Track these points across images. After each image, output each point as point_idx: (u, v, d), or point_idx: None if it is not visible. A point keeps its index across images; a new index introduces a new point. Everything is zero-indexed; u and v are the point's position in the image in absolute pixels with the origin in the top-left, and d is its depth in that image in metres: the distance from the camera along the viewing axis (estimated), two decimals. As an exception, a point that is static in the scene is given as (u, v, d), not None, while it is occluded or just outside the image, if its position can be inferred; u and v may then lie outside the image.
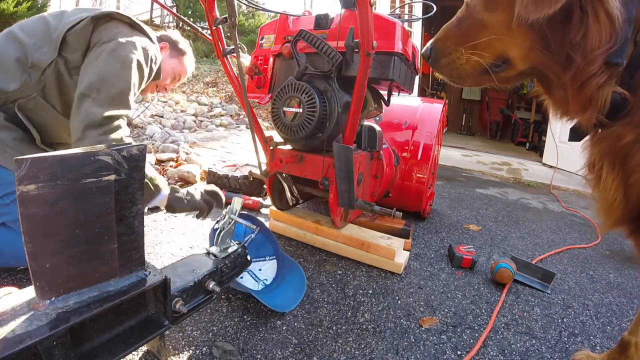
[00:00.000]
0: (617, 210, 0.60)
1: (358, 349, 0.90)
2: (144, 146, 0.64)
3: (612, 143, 0.59)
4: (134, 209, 0.65)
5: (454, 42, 0.66)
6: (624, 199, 0.59)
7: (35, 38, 1.08)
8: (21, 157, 0.51)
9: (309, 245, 1.43)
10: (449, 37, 0.67)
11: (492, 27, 0.62)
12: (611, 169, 0.60)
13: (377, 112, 1.45)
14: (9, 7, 5.30)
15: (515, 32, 0.60)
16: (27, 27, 1.12)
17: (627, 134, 0.57)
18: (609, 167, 0.60)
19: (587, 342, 1.00)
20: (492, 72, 0.64)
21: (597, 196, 0.64)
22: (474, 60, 0.63)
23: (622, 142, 0.58)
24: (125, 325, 0.67)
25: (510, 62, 0.63)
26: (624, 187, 0.58)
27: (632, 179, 0.57)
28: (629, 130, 0.57)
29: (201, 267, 0.86)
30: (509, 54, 0.62)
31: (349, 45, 1.11)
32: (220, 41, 1.23)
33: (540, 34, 0.58)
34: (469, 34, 0.64)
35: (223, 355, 0.84)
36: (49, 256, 0.56)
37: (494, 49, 0.63)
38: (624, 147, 0.57)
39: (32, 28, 1.11)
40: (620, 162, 0.58)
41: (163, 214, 1.69)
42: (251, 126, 1.24)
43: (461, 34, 0.66)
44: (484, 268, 1.38)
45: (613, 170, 0.59)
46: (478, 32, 0.63)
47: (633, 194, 0.58)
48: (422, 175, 1.71)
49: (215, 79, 6.36)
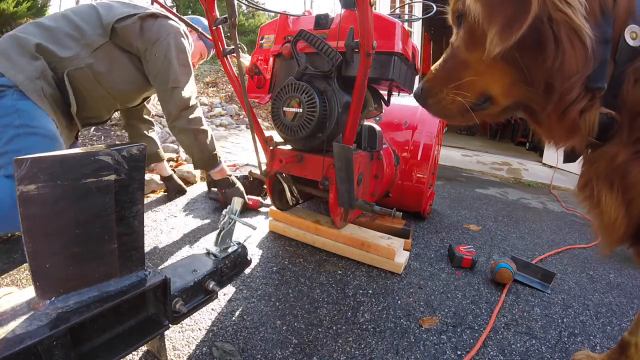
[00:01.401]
0: (620, 228, 0.60)
1: (358, 349, 0.90)
2: (144, 146, 0.64)
3: (607, 163, 0.59)
4: (134, 209, 0.65)
5: (440, 83, 0.68)
6: (626, 216, 0.58)
7: (89, 24, 1.26)
8: (21, 157, 0.51)
9: (309, 245, 1.43)
10: (436, 77, 0.69)
11: (473, 67, 0.63)
12: (609, 188, 0.59)
13: (377, 112, 1.45)
14: (9, 7, 5.30)
15: (494, 69, 0.60)
16: (81, 13, 1.29)
17: (620, 152, 0.57)
18: (607, 187, 0.60)
19: (587, 342, 1.00)
20: (477, 110, 0.65)
21: (596, 217, 0.63)
22: (459, 100, 0.64)
23: (617, 162, 0.57)
24: (125, 325, 0.68)
25: (493, 100, 0.64)
26: (625, 204, 0.58)
27: (633, 195, 0.56)
28: (621, 149, 0.57)
29: (201, 267, 0.86)
30: (491, 91, 0.63)
31: (349, 45, 1.11)
32: (220, 41, 1.23)
33: (519, 69, 0.58)
34: (453, 74, 0.66)
35: (223, 355, 0.84)
36: (49, 256, 0.56)
37: (476, 88, 0.64)
38: (619, 166, 0.57)
39: (87, 14, 1.29)
40: (619, 181, 0.58)
41: (163, 213, 1.69)
42: (251, 126, 1.24)
43: (446, 74, 0.67)
44: (484, 268, 1.38)
45: (611, 189, 0.59)
46: (461, 72, 0.64)
47: (635, 209, 0.57)
48: (422, 175, 1.71)
49: (215, 79, 6.36)
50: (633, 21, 0.56)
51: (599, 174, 0.60)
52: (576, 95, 0.55)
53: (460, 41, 0.65)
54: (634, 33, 0.56)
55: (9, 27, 5.47)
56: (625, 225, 0.59)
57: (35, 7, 5.98)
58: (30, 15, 5.81)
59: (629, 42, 0.56)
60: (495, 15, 0.55)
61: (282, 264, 1.29)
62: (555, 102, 0.57)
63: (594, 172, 0.61)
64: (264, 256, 1.34)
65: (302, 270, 1.25)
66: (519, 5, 0.52)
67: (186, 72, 1.39)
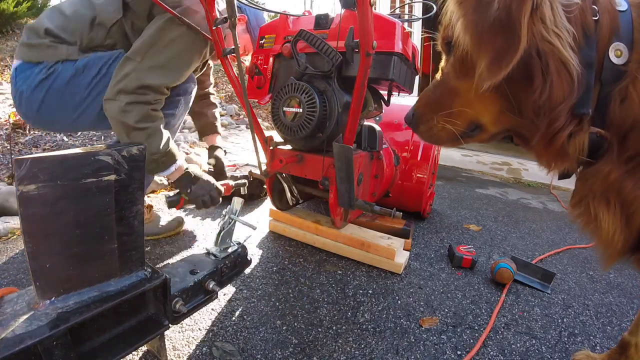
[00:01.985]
0: (618, 242, 0.59)
1: (358, 349, 0.90)
2: (144, 146, 0.64)
3: (602, 181, 0.59)
4: (134, 209, 0.65)
5: (431, 109, 0.69)
6: (624, 230, 0.58)
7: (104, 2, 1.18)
8: (21, 157, 0.51)
9: (309, 245, 1.43)
10: (427, 104, 0.70)
11: (463, 95, 0.63)
12: (605, 205, 0.59)
13: (377, 112, 1.44)
14: (9, 7, 5.30)
15: (484, 99, 0.61)
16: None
17: (613, 170, 0.57)
18: (603, 204, 0.60)
19: (587, 342, 1.00)
20: (468, 137, 0.67)
21: (592, 233, 0.63)
22: (449, 128, 0.66)
23: (611, 179, 0.57)
24: (125, 325, 0.68)
25: (483, 127, 0.65)
26: (624, 219, 0.58)
27: (631, 210, 0.56)
28: (614, 167, 0.57)
29: (201, 267, 0.86)
30: (480, 120, 0.64)
31: (349, 45, 1.11)
32: (220, 41, 1.23)
33: (507, 98, 0.59)
34: (443, 102, 0.66)
35: (223, 355, 0.83)
36: (49, 256, 0.56)
37: (466, 116, 0.65)
38: (614, 184, 0.57)
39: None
40: (615, 197, 0.58)
41: (163, 214, 1.69)
42: (251, 126, 1.24)
43: (436, 100, 0.68)
44: (484, 268, 1.38)
45: (608, 206, 0.59)
46: (451, 100, 0.65)
47: (635, 223, 0.57)
48: (422, 175, 1.71)
49: (215, 79, 6.36)
50: (617, 38, 0.56)
51: (594, 191, 0.60)
52: (563, 122, 0.56)
53: (450, 68, 0.66)
54: (618, 51, 0.56)
55: (9, 27, 5.47)
56: (623, 239, 0.59)
57: (35, 7, 5.98)
58: (30, 15, 5.81)
59: (614, 60, 0.56)
60: (484, 48, 0.55)
61: (282, 264, 1.29)
62: (544, 130, 0.58)
63: (589, 190, 0.61)
64: (264, 256, 1.34)
65: (302, 270, 1.25)
66: (508, 38, 0.52)
67: (161, 53, 1.14)
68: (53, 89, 1.15)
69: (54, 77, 1.14)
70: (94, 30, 1.18)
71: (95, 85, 1.16)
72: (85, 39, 1.17)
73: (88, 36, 1.17)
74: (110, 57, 1.17)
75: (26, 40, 1.17)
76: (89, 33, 1.17)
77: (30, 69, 1.15)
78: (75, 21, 1.17)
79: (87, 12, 1.18)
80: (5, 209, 1.51)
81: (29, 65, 1.15)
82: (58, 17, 1.19)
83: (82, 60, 1.15)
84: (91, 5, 1.18)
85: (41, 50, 1.14)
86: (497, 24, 0.53)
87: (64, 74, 1.14)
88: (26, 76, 1.15)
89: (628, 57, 0.55)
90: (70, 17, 1.18)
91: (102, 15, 1.17)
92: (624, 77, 0.55)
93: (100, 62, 1.16)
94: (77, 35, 1.17)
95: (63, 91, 1.15)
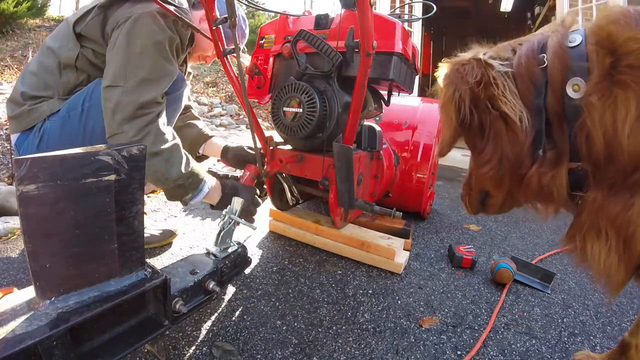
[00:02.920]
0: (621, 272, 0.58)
1: (358, 349, 0.90)
2: (144, 146, 0.64)
3: (588, 210, 0.59)
4: (134, 209, 0.65)
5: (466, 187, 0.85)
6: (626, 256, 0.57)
7: (60, 42, 1.15)
8: (21, 157, 0.51)
9: (309, 245, 1.43)
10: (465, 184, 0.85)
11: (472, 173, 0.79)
12: (596, 236, 0.59)
13: (377, 112, 1.44)
14: (9, 7, 5.30)
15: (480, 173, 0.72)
16: (55, 35, 1.19)
17: (599, 197, 0.58)
18: (593, 236, 0.60)
19: (587, 342, 1.00)
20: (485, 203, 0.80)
21: (589, 269, 0.63)
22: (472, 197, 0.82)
23: (597, 205, 0.58)
24: (125, 325, 0.67)
25: (490, 193, 0.77)
26: (623, 243, 0.56)
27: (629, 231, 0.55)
28: (599, 194, 0.58)
29: (201, 267, 0.86)
30: (485, 187, 0.77)
31: (349, 45, 1.11)
32: (220, 41, 1.23)
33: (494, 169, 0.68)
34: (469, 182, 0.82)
35: (223, 355, 0.83)
36: (49, 256, 0.56)
37: (477, 187, 0.79)
38: (602, 209, 0.57)
39: (57, 33, 1.19)
40: (606, 224, 0.57)
41: (163, 214, 1.69)
42: (251, 126, 1.24)
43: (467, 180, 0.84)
44: (484, 268, 1.38)
45: (599, 236, 0.59)
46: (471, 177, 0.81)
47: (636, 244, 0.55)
48: (422, 175, 1.71)
49: (215, 79, 6.36)
50: (573, 74, 0.57)
51: (582, 224, 0.61)
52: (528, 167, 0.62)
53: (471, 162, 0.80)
54: (576, 85, 0.57)
55: (9, 27, 5.47)
56: (624, 267, 0.58)
57: (35, 7, 5.98)
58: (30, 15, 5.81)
59: (572, 96, 0.57)
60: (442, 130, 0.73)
61: (282, 264, 1.29)
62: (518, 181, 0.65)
63: (578, 223, 0.62)
64: (264, 256, 1.34)
65: (302, 270, 1.25)
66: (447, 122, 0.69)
67: (142, 66, 1.04)
68: (51, 147, 1.11)
69: (47, 136, 1.12)
70: (64, 75, 1.15)
71: (86, 120, 1.12)
72: (60, 87, 1.15)
73: (61, 83, 1.14)
74: (88, 89, 1.13)
75: (10, 113, 1.16)
76: (61, 79, 1.14)
77: (26, 138, 1.14)
78: (44, 74, 1.15)
79: (51, 60, 1.15)
80: (5, 209, 1.51)
81: (24, 135, 1.14)
82: (29, 78, 1.16)
83: (64, 107, 1.12)
84: (51, 52, 1.15)
85: (25, 117, 1.13)
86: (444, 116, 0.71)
87: (54, 129, 1.12)
88: (26, 147, 1.14)
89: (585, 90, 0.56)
90: (38, 72, 1.15)
91: (63, 55, 1.13)
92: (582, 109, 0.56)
93: (80, 98, 1.12)
94: (51, 88, 1.14)
95: (60, 144, 1.11)
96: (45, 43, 1.19)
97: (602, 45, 0.56)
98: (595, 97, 0.54)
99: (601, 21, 0.58)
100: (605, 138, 0.53)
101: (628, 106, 0.51)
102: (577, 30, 0.62)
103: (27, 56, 4.75)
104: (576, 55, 0.58)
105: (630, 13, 0.55)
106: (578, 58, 0.57)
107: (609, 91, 0.53)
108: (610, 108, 0.52)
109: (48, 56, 1.15)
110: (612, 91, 0.53)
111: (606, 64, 0.54)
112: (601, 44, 0.56)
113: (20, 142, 1.15)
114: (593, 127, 0.54)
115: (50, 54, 1.15)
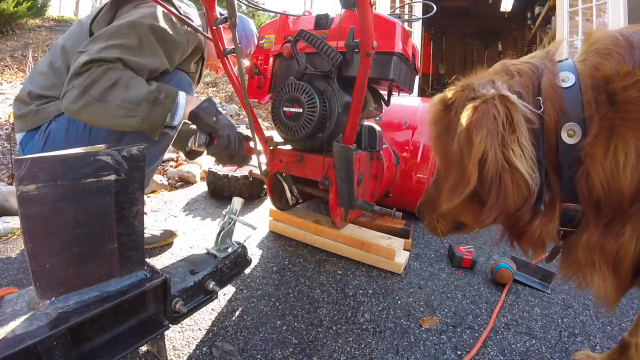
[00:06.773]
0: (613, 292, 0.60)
1: (358, 349, 0.90)
2: (144, 146, 0.64)
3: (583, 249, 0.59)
4: (134, 209, 0.65)
5: (429, 208, 0.79)
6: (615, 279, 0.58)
7: (73, 42, 1.15)
8: (21, 157, 0.51)
9: (309, 245, 1.43)
10: (427, 202, 0.80)
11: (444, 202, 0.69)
12: (592, 269, 0.60)
13: (377, 112, 1.44)
14: (9, 7, 5.30)
15: (460, 205, 0.65)
16: (68, 35, 1.20)
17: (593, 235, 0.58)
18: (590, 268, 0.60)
19: (587, 342, 1.00)
20: (458, 230, 0.77)
21: (591, 293, 0.64)
22: (442, 224, 0.77)
23: (592, 243, 0.58)
24: (125, 325, 0.68)
25: (466, 225, 0.74)
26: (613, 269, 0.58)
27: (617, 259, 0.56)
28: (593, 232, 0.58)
29: (201, 267, 0.86)
30: (461, 220, 0.74)
31: (349, 45, 1.11)
32: (220, 41, 1.23)
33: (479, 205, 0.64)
34: (434, 204, 0.75)
35: (223, 355, 0.83)
36: (49, 256, 0.56)
37: (450, 217, 0.74)
38: (595, 246, 0.58)
39: (71, 33, 1.20)
40: (599, 258, 0.58)
41: (163, 214, 1.69)
42: (251, 126, 1.23)
43: (431, 200, 0.77)
44: (484, 268, 1.38)
45: (594, 268, 0.59)
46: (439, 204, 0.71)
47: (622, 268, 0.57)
48: (422, 175, 1.71)
49: (215, 79, 6.36)
50: (567, 119, 0.56)
51: (579, 260, 0.61)
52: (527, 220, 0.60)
53: (438, 174, 0.74)
54: (571, 131, 0.56)
55: (9, 27, 5.47)
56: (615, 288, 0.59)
57: (35, 7, 5.98)
58: (30, 15, 5.82)
59: (567, 141, 0.56)
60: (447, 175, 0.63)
61: (282, 264, 1.29)
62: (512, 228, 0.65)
63: (574, 259, 0.62)
64: (264, 256, 1.34)
65: (302, 270, 1.25)
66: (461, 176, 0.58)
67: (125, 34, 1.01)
68: (56, 148, 1.08)
69: (52, 137, 1.12)
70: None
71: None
72: None
73: None
74: None
75: (17, 112, 1.16)
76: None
77: (32, 138, 1.14)
78: (54, 76, 1.15)
79: (62, 62, 1.14)
80: (5, 209, 1.52)
81: (30, 135, 1.14)
82: (38, 78, 1.17)
83: None
84: (63, 53, 1.15)
85: (31, 117, 1.13)
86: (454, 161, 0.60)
87: (60, 130, 1.12)
88: (31, 147, 1.15)
89: (581, 135, 0.55)
90: (48, 73, 1.15)
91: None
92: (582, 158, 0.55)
93: None
94: (59, 88, 1.11)
95: (65, 146, 1.08)
96: (58, 42, 1.20)
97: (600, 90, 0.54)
98: (596, 148, 0.53)
99: (594, 58, 0.57)
100: (607, 182, 0.53)
101: (628, 150, 0.51)
102: (566, 63, 0.60)
103: (27, 56, 4.75)
104: (570, 98, 0.56)
105: (620, 42, 0.55)
106: (572, 101, 0.56)
107: (609, 140, 0.53)
108: (611, 154, 0.52)
109: (59, 59, 1.16)
110: (612, 139, 0.52)
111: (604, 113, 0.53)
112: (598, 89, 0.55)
113: (25, 141, 1.15)
114: (595, 174, 0.54)
115: (62, 55, 1.15)
